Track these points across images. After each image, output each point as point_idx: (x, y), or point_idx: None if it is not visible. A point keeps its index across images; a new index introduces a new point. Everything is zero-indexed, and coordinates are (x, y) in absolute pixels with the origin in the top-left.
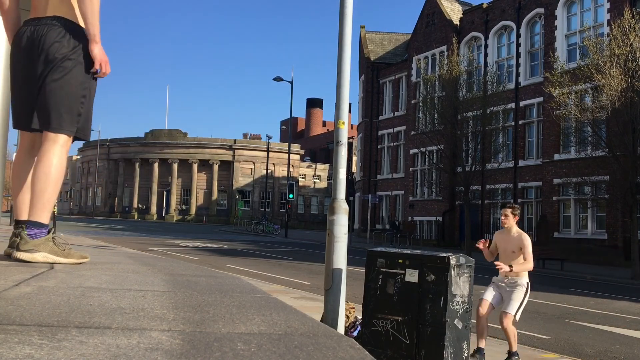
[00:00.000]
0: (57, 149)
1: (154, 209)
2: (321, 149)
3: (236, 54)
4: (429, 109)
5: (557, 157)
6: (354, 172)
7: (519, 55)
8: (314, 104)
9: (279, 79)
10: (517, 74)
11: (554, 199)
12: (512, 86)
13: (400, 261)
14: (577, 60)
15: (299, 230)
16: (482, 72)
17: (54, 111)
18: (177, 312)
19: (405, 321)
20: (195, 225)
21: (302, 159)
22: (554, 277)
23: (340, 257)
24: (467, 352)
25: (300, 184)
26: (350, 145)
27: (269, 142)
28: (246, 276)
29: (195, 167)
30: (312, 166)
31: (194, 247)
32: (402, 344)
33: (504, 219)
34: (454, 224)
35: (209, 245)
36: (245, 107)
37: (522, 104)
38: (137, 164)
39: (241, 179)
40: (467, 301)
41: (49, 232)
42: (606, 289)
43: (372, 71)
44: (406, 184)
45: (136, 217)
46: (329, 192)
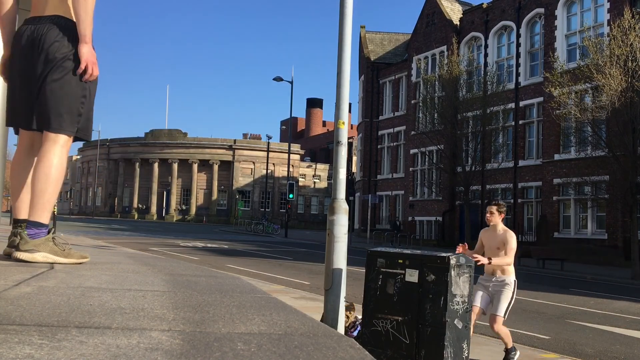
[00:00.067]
0: (57, 149)
1: (154, 209)
2: (321, 149)
3: (236, 54)
4: (429, 109)
5: (557, 157)
6: (354, 172)
7: (519, 55)
8: (314, 104)
9: (279, 79)
10: (517, 74)
11: (554, 199)
12: (512, 86)
13: (400, 261)
14: (577, 60)
15: (299, 230)
16: (482, 72)
17: (54, 111)
18: (177, 312)
19: (405, 321)
20: (195, 225)
21: (302, 159)
22: (554, 277)
23: (340, 257)
24: (467, 352)
25: (300, 184)
26: (350, 145)
27: (269, 142)
28: (246, 276)
29: (195, 167)
30: (312, 166)
31: (194, 247)
32: (402, 344)
33: (489, 216)
34: (454, 224)
35: (209, 245)
36: (245, 107)
37: (522, 104)
38: (137, 164)
39: (241, 179)
40: (467, 301)
41: (49, 232)
42: (606, 289)
43: (372, 71)
44: (406, 184)
45: (136, 217)
46: (329, 192)
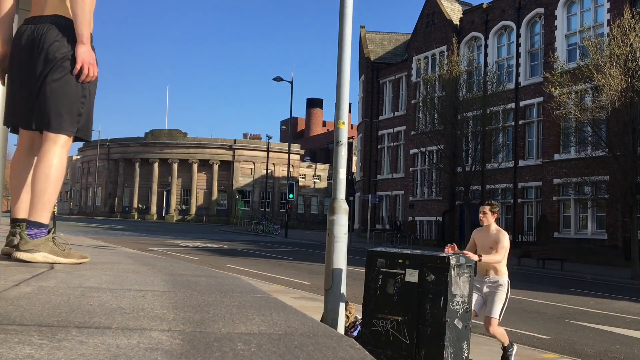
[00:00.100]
0: (57, 149)
1: (154, 209)
2: (321, 149)
3: (236, 54)
4: (429, 109)
5: (557, 157)
6: (354, 172)
7: (519, 55)
8: (314, 104)
9: (279, 79)
10: (517, 74)
11: (554, 199)
12: (512, 86)
13: (400, 261)
14: (577, 60)
15: (299, 230)
16: (482, 72)
17: (54, 111)
18: (177, 312)
19: (405, 321)
20: (195, 225)
21: (302, 159)
22: (554, 277)
23: (340, 257)
24: (467, 352)
25: (300, 184)
26: (350, 145)
27: (269, 142)
28: (246, 276)
29: (195, 167)
30: (312, 166)
31: (194, 247)
32: (402, 344)
33: (482, 216)
34: (454, 224)
35: (209, 245)
36: (245, 107)
37: (522, 104)
38: (137, 164)
39: (241, 179)
40: (467, 301)
41: (49, 232)
42: (606, 289)
43: (372, 71)
44: (406, 184)
45: (136, 217)
46: (329, 192)
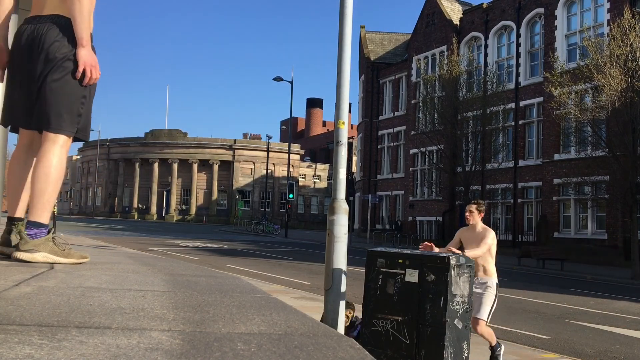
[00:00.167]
0: (56, 149)
1: (154, 209)
2: (321, 149)
3: (236, 54)
4: (429, 109)
5: (557, 157)
6: (354, 172)
7: (519, 55)
8: (314, 104)
9: (279, 79)
10: (517, 74)
11: (554, 199)
12: (512, 86)
13: (400, 261)
14: (577, 60)
15: (299, 230)
16: (482, 72)
17: (53, 111)
18: (177, 312)
19: (405, 321)
20: (195, 225)
21: (302, 159)
22: (554, 277)
23: (340, 257)
24: (467, 352)
25: (300, 184)
26: (350, 145)
27: (269, 142)
28: (246, 276)
29: (195, 167)
30: (312, 166)
31: (194, 247)
32: (402, 344)
33: (468, 215)
34: (454, 224)
35: (209, 245)
36: (245, 107)
37: (522, 104)
38: (137, 164)
39: (241, 179)
40: (467, 301)
41: (49, 232)
42: (606, 289)
43: (372, 71)
44: (406, 184)
45: (136, 217)
46: (329, 192)
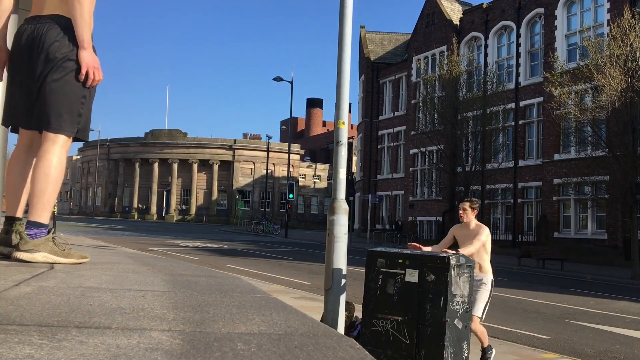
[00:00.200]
0: (56, 149)
1: (154, 209)
2: (321, 149)
3: (236, 54)
4: (429, 109)
5: (557, 157)
6: (354, 172)
7: (519, 55)
8: (314, 104)
9: (279, 79)
10: (517, 74)
11: (554, 199)
12: (512, 86)
13: (400, 261)
14: (577, 60)
15: (299, 230)
16: (482, 72)
17: (53, 111)
18: (177, 312)
19: (405, 321)
20: (195, 225)
21: (302, 159)
22: (554, 277)
23: (340, 257)
24: (467, 352)
25: (300, 184)
26: (350, 145)
27: (269, 142)
28: (246, 276)
29: (195, 167)
30: (312, 166)
31: (194, 247)
32: (402, 344)
33: (462, 213)
34: (454, 224)
35: (209, 245)
36: (245, 107)
37: (522, 104)
38: (137, 164)
39: (241, 179)
40: (467, 301)
41: (49, 232)
42: (606, 289)
43: (372, 71)
44: (406, 184)
45: (136, 217)
46: (329, 192)
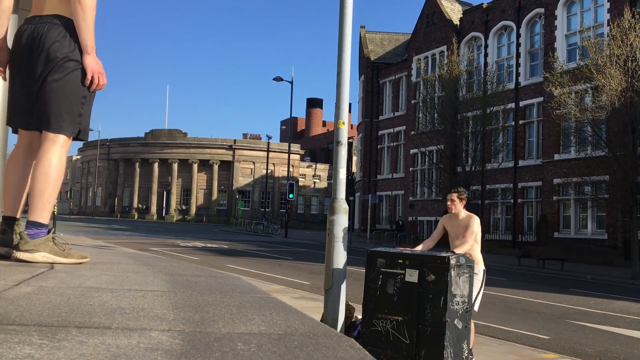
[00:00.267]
0: (56, 149)
1: (154, 209)
2: (321, 149)
3: (236, 54)
4: (429, 109)
5: (557, 157)
6: (354, 172)
7: (519, 55)
8: (314, 104)
9: (279, 79)
10: (517, 74)
11: (554, 199)
12: (512, 86)
13: (400, 261)
14: (577, 60)
15: (299, 230)
16: (482, 72)
17: (54, 111)
18: (177, 312)
19: (405, 321)
20: (195, 225)
21: (302, 159)
22: (554, 277)
23: (340, 257)
24: (467, 352)
25: (300, 184)
26: (350, 145)
27: (269, 142)
28: (246, 276)
29: (195, 167)
30: (312, 166)
31: (194, 247)
32: (402, 344)
33: (450, 204)
34: None
35: (209, 245)
36: (245, 107)
37: (522, 104)
38: (137, 164)
39: (241, 179)
40: (467, 301)
41: (49, 232)
42: (606, 289)
43: (372, 71)
44: (406, 184)
45: (136, 217)
46: (329, 192)
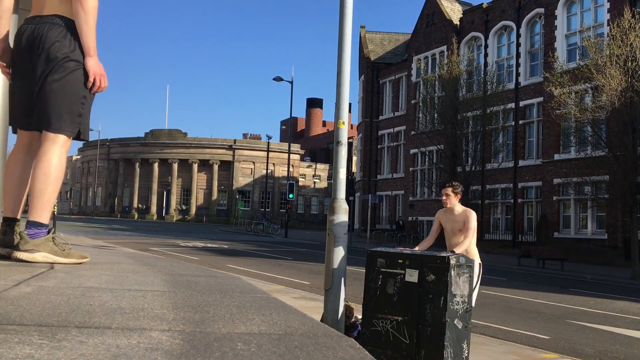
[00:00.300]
0: (56, 149)
1: (154, 209)
2: (321, 149)
3: (236, 54)
4: (429, 109)
5: (557, 157)
6: (354, 172)
7: (519, 55)
8: (314, 104)
9: (279, 79)
10: (517, 74)
11: (554, 199)
12: (512, 86)
13: (400, 261)
14: (577, 60)
15: (299, 230)
16: (482, 72)
17: (54, 111)
18: (177, 312)
19: (405, 321)
20: (195, 225)
21: (302, 159)
22: (554, 277)
23: (340, 257)
24: (467, 352)
25: (300, 184)
26: (350, 145)
27: (269, 142)
28: (246, 276)
29: (195, 167)
30: (312, 166)
31: (194, 247)
32: (402, 344)
33: (445, 199)
34: None
35: (209, 245)
36: (245, 107)
37: (522, 104)
38: (137, 164)
39: (241, 179)
40: (467, 301)
41: (49, 232)
42: (606, 289)
43: (372, 71)
44: (406, 184)
45: (136, 217)
46: (329, 192)
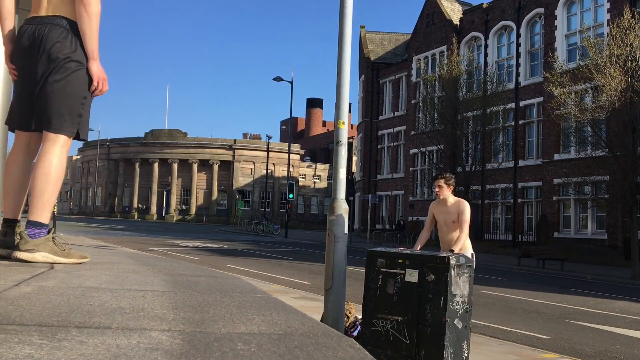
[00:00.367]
0: (57, 149)
1: (154, 209)
2: (321, 149)
3: (236, 54)
4: (429, 109)
5: (557, 157)
6: (354, 172)
7: (519, 55)
8: (314, 104)
9: (279, 79)
10: (517, 74)
11: (554, 199)
12: (512, 86)
13: (400, 261)
14: (577, 60)
15: (299, 230)
16: (482, 72)
17: (55, 112)
18: (177, 312)
19: (405, 321)
20: (195, 225)
21: (302, 159)
22: (554, 277)
23: (340, 257)
24: (467, 352)
25: (300, 184)
26: (350, 145)
27: (269, 142)
28: (246, 276)
29: (195, 167)
30: (312, 166)
31: (194, 247)
32: (402, 344)
33: (437, 190)
34: None
35: (209, 245)
36: (245, 107)
37: (522, 104)
38: (137, 164)
39: (241, 179)
40: (467, 301)
41: (49, 232)
42: (606, 289)
43: (372, 71)
44: (406, 184)
45: (136, 217)
46: (329, 192)
